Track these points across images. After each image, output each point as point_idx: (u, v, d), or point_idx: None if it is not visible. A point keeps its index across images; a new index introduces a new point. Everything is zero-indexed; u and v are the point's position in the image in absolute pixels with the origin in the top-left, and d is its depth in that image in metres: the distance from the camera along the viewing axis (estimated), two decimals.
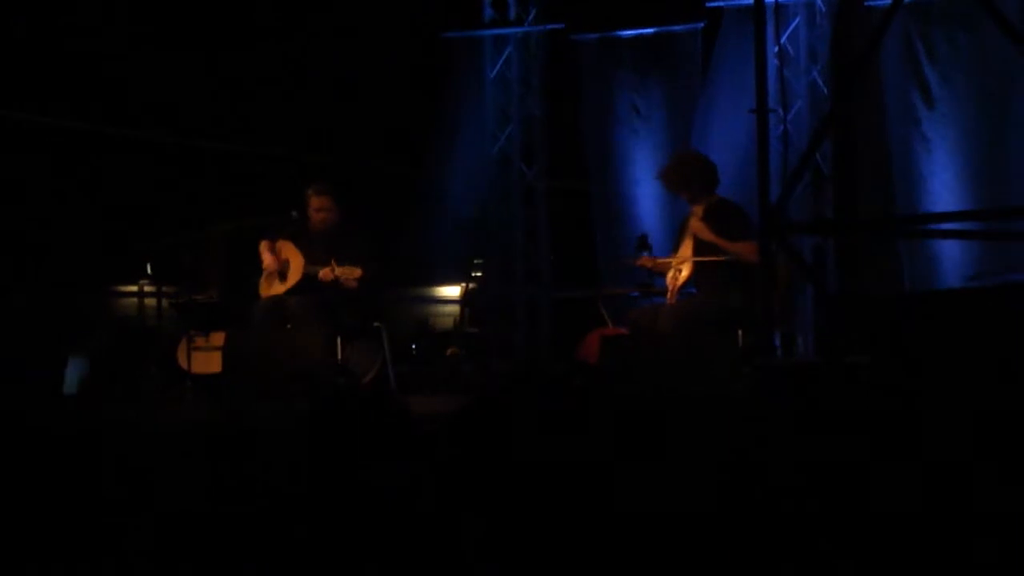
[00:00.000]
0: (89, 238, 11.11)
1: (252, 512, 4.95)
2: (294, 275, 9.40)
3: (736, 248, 8.32)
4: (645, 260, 9.01)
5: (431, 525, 4.70)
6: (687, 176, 8.71)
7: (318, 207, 9.49)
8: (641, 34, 12.10)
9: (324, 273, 9.16)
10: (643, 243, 9.35)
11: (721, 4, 11.53)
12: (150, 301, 10.45)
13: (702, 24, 11.74)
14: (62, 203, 11.16)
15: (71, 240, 11.07)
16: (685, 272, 8.69)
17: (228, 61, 11.91)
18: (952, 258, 10.64)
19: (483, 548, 4.48)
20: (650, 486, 4.92)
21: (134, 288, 10.77)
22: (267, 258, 9.49)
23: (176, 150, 11.64)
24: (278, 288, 9.49)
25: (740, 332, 8.44)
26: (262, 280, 9.60)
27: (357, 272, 9.14)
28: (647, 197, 11.71)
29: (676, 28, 11.92)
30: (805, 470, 5.06)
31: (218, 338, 9.56)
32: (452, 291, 11.57)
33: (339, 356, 9.25)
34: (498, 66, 12.58)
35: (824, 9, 11.39)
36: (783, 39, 11.16)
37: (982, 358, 6.36)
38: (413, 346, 11.27)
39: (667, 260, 8.90)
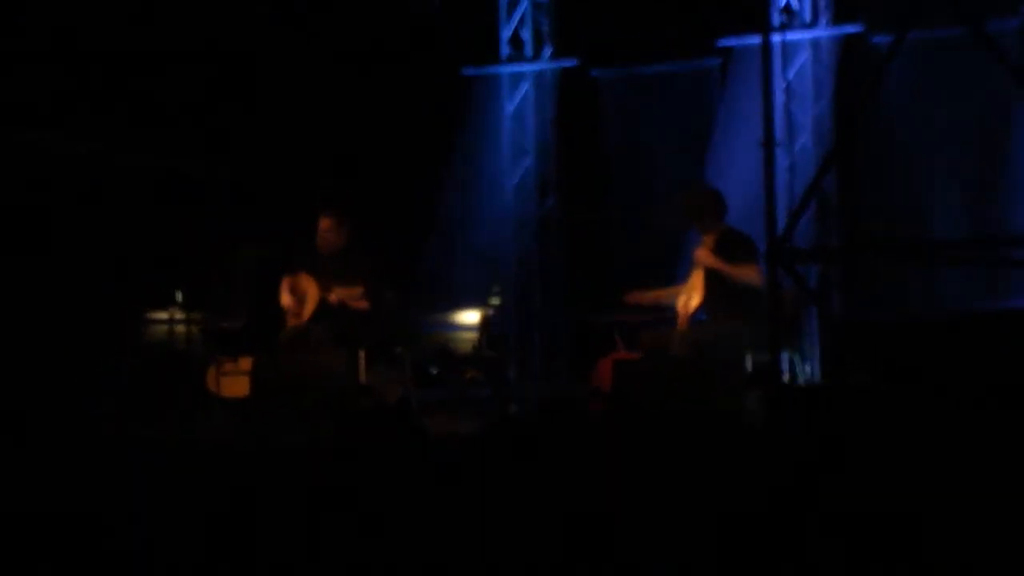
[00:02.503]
0: (120, 265, 11.18)
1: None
2: (309, 306, 9.62)
3: (739, 272, 8.56)
4: (635, 296, 9.23)
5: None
6: (697, 210, 8.95)
7: (323, 228, 9.73)
8: (660, 71, 12.36)
9: (330, 297, 9.42)
10: (655, 272, 9.55)
11: (732, 43, 11.77)
12: (180, 327, 10.61)
13: (719, 61, 11.99)
14: (92, 230, 11.22)
15: (102, 267, 11.14)
16: (696, 299, 8.89)
17: (255, 89, 12.05)
18: (954, 284, 10.78)
19: None
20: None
21: (164, 315, 10.92)
22: (285, 298, 9.73)
23: (203, 176, 11.73)
24: (299, 320, 9.70)
25: (748, 356, 8.64)
26: (288, 314, 9.84)
27: (357, 291, 9.38)
28: (665, 226, 11.83)
29: (694, 65, 12.18)
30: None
31: (246, 363, 9.78)
32: (471, 317, 11.72)
33: (363, 379, 9.46)
34: (515, 101, 12.87)
35: (830, 46, 11.62)
36: (791, 75, 11.42)
37: (982, 382, 6.53)
38: (433, 370, 11.44)
39: (657, 294, 9.14)
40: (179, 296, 10.74)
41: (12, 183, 10.80)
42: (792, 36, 11.38)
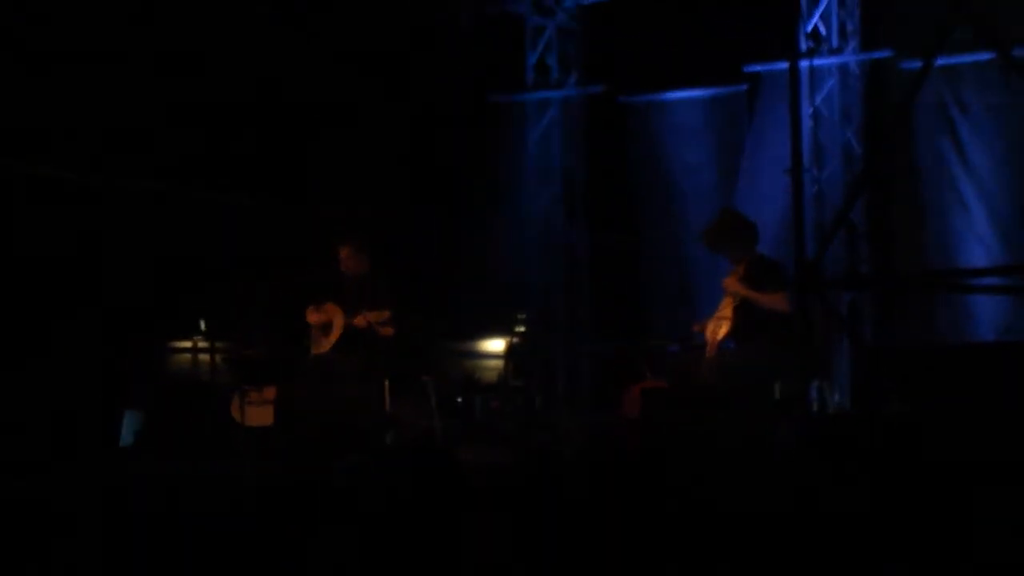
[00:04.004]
0: (144, 294, 11.15)
1: None
2: (335, 332, 9.58)
3: (765, 299, 8.45)
4: (698, 327, 9.14)
5: None
6: (727, 237, 8.83)
7: (343, 256, 9.71)
8: (687, 96, 12.34)
9: (358, 320, 9.37)
10: (683, 299, 9.48)
11: (759, 69, 11.75)
12: (204, 357, 10.58)
13: (746, 87, 11.97)
14: (118, 259, 11.19)
15: (127, 296, 11.11)
16: (725, 326, 8.80)
17: (277, 121, 12.02)
18: (986, 312, 10.70)
19: None
20: None
21: (188, 344, 10.90)
22: (312, 318, 9.69)
23: (230, 206, 11.70)
24: (324, 346, 9.66)
25: (777, 384, 8.56)
26: (312, 341, 9.80)
27: (385, 314, 9.33)
28: (693, 253, 11.72)
29: (721, 90, 12.17)
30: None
31: (270, 392, 9.71)
32: (497, 345, 11.66)
33: (388, 409, 9.40)
34: (541, 127, 12.86)
35: (857, 71, 11.57)
36: (818, 101, 11.37)
37: (1014, 410, 6.47)
38: (459, 399, 11.37)
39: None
40: (203, 325, 10.69)
41: (30, 213, 10.78)
42: (819, 62, 11.34)
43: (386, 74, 12.34)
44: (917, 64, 10.54)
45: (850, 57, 11.56)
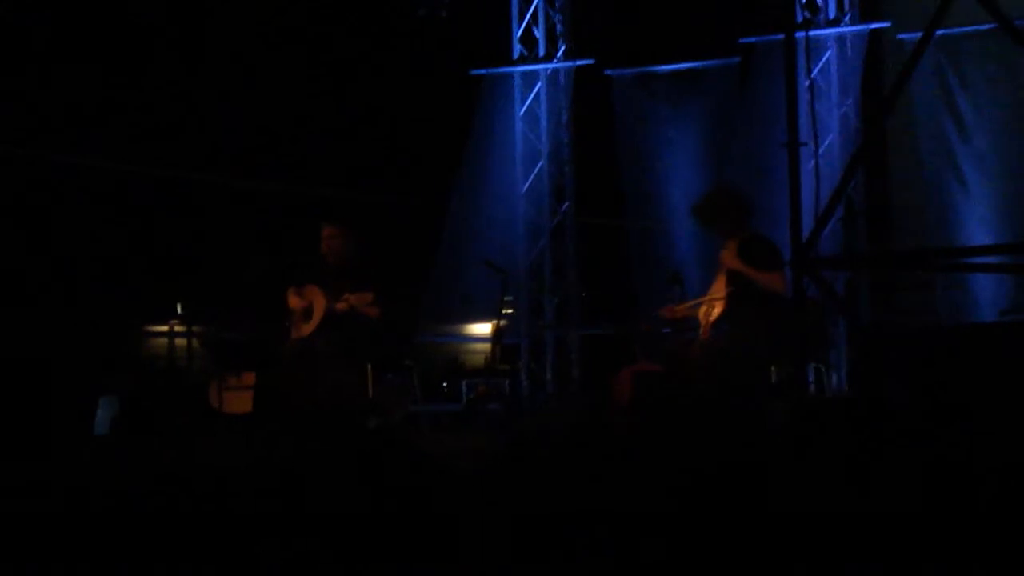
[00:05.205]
0: (120, 278, 11.07)
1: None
2: (317, 314, 9.39)
3: (762, 278, 8.25)
4: (665, 311, 8.95)
5: None
6: (718, 213, 8.63)
7: (326, 236, 9.50)
8: (677, 69, 12.11)
9: (340, 305, 9.18)
10: (675, 279, 9.31)
11: (754, 40, 11.52)
12: (180, 341, 10.45)
13: (738, 59, 11.75)
14: (93, 243, 11.13)
15: (102, 280, 11.03)
16: (718, 308, 8.60)
17: (258, 97, 11.91)
18: (985, 292, 10.56)
19: None
20: None
21: (164, 328, 10.78)
22: (293, 302, 9.51)
23: (208, 189, 11.63)
24: (305, 330, 9.48)
25: (773, 367, 8.37)
26: (293, 325, 9.62)
27: (369, 296, 9.14)
28: (683, 231, 11.59)
29: (712, 63, 11.94)
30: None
31: (249, 378, 9.58)
32: (483, 328, 11.52)
33: (370, 394, 9.22)
34: (527, 102, 12.60)
35: (855, 43, 11.37)
36: (814, 73, 11.16)
37: (1015, 391, 6.31)
38: (444, 383, 11.25)
39: (687, 306, 8.84)
40: (179, 308, 10.53)
41: (11, 194, 10.69)
42: (816, 32, 11.15)
43: (366, 49, 12.23)
44: (916, 35, 10.37)
45: (847, 28, 11.38)
